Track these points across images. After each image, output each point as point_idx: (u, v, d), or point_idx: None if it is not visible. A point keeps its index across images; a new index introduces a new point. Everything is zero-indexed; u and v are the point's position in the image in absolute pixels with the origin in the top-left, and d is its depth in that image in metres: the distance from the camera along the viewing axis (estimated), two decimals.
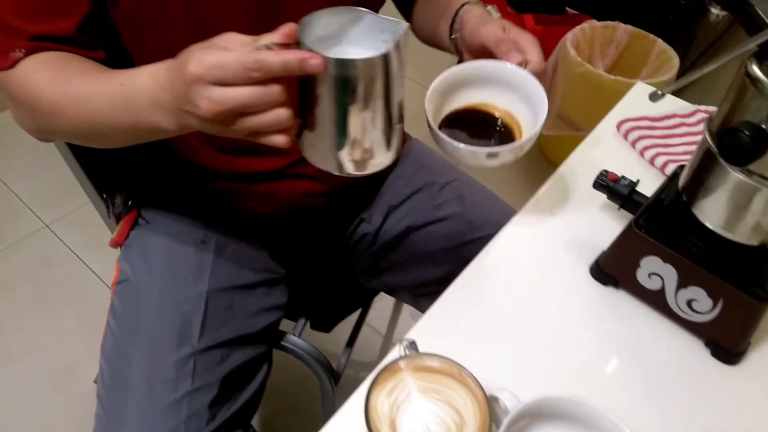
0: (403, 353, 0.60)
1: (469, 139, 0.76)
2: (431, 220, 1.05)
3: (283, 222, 0.99)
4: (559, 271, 0.80)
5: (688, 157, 0.92)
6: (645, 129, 0.96)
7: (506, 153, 0.72)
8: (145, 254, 0.95)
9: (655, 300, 0.75)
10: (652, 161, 0.93)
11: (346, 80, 0.56)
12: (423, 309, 1.19)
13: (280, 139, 0.59)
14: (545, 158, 2.36)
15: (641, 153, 0.94)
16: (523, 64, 0.75)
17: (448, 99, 0.79)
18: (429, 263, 1.07)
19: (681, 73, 2.04)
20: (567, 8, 2.40)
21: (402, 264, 1.08)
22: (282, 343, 1.09)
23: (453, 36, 0.86)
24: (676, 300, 0.74)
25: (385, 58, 0.56)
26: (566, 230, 0.85)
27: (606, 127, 0.99)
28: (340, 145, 0.61)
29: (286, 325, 1.07)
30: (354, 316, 1.27)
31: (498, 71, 0.77)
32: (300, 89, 0.60)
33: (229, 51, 0.57)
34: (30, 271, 1.85)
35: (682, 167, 0.79)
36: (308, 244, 1.06)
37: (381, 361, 1.63)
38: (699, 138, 0.96)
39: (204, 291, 0.91)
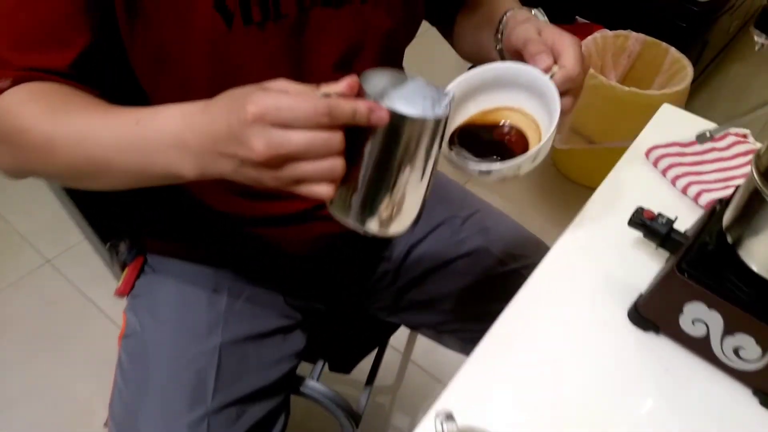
0: (440, 429, 0.56)
1: (479, 150, 0.71)
2: (454, 257, 1.00)
3: (300, 264, 0.95)
4: (596, 317, 0.75)
5: (721, 185, 0.88)
6: (675, 156, 0.91)
7: (498, 172, 0.67)
8: (153, 306, 0.90)
9: (699, 347, 0.70)
10: (684, 191, 0.88)
11: (403, 137, 0.55)
12: (446, 344, 1.15)
13: (325, 190, 0.55)
14: (558, 171, 2.32)
15: (672, 182, 0.89)
16: (550, 69, 0.69)
17: (466, 103, 0.74)
18: (453, 301, 1.02)
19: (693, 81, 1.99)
20: (577, 17, 2.35)
21: (424, 302, 1.04)
22: (300, 389, 1.05)
23: (499, 47, 0.81)
24: (722, 347, 0.69)
25: (441, 121, 0.56)
26: (600, 270, 0.80)
27: (634, 154, 0.94)
28: (373, 203, 0.58)
29: (302, 367, 1.03)
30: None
31: (513, 74, 0.72)
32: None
33: (294, 94, 0.54)
34: (32, 311, 1.79)
35: (720, 201, 0.75)
36: (327, 286, 1.01)
37: (399, 383, 1.59)
38: (731, 164, 0.92)
39: (217, 344, 0.86)
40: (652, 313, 0.72)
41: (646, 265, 0.79)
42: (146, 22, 0.68)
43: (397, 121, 0.54)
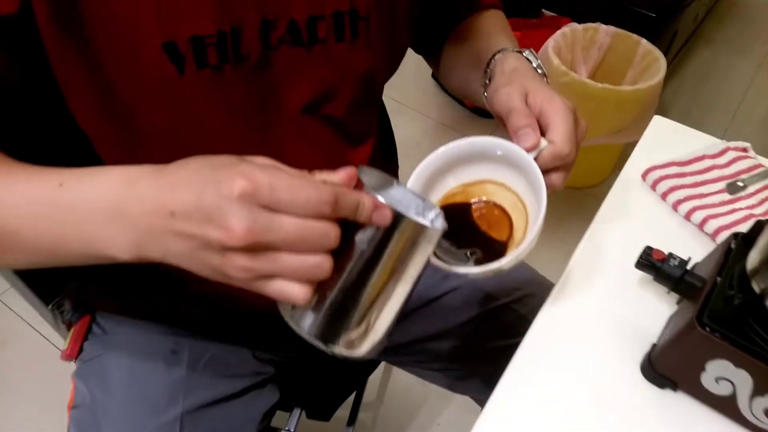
0: None
1: (458, 237, 0.64)
2: (439, 294, 0.92)
3: (270, 315, 0.84)
4: (606, 372, 0.67)
5: (726, 208, 0.81)
6: (674, 177, 0.83)
7: (477, 275, 0.61)
8: (103, 374, 0.80)
9: (725, 407, 0.63)
10: (688, 217, 0.80)
11: (400, 241, 0.48)
12: (430, 380, 1.07)
13: (302, 293, 0.45)
14: None
15: (674, 207, 0.81)
16: (535, 147, 0.61)
17: (444, 176, 0.66)
18: (439, 341, 0.94)
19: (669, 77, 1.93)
20: (543, 10, 2.28)
21: (407, 343, 0.95)
22: None
23: (486, 93, 0.71)
24: (751, 408, 0.61)
25: (440, 233, 0.50)
26: (605, 315, 0.71)
27: (629, 177, 0.86)
28: (348, 313, 0.49)
29: (278, 417, 0.93)
30: None
31: (495, 150, 0.63)
32: None
33: (291, 175, 0.44)
34: None
35: (735, 236, 0.67)
36: (299, 336, 0.91)
37: (382, 396, 1.51)
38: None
39: (177, 415, 0.77)
40: (668, 370, 0.64)
41: (654, 307, 0.71)
42: (87, 61, 0.57)
43: (400, 224, 0.47)
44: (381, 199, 0.46)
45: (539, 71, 0.70)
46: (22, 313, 1.71)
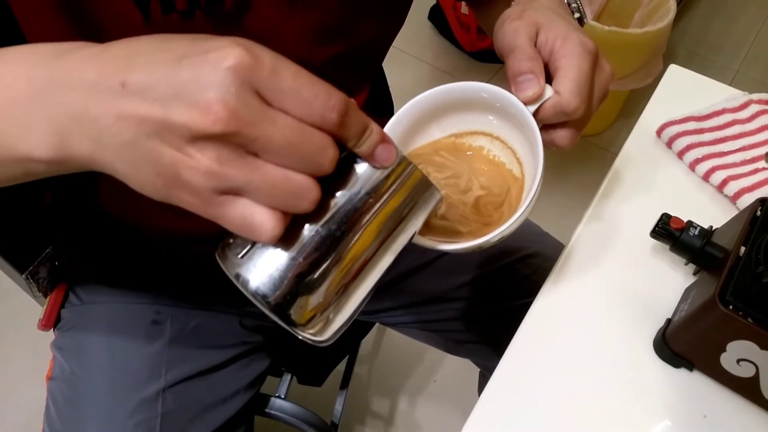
0: None
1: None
2: (436, 256, 0.86)
3: None
4: (614, 348, 0.62)
5: (748, 168, 0.75)
6: (692, 134, 0.77)
7: (460, 250, 0.51)
8: (81, 346, 0.75)
9: (745, 388, 0.58)
10: (706, 177, 0.74)
11: (400, 195, 0.40)
12: (429, 342, 1.02)
13: (269, 222, 0.35)
14: None
15: (691, 167, 0.76)
16: (537, 98, 0.51)
17: (428, 125, 0.57)
18: (437, 302, 0.89)
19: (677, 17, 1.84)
20: None
21: (404, 305, 0.90)
22: (266, 410, 0.92)
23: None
24: None
25: (438, 200, 0.43)
26: (615, 286, 0.66)
27: (642, 133, 0.80)
28: (321, 282, 0.38)
29: (268, 382, 0.89)
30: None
31: (489, 99, 0.53)
32: None
33: (298, 66, 0.35)
34: None
35: (763, 203, 0.61)
36: None
37: (378, 348, 1.47)
38: (755, 139, 0.79)
39: (160, 388, 0.72)
40: (683, 348, 0.60)
41: (671, 278, 0.66)
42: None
43: (404, 171, 0.40)
44: None
45: (573, 5, 0.60)
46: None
